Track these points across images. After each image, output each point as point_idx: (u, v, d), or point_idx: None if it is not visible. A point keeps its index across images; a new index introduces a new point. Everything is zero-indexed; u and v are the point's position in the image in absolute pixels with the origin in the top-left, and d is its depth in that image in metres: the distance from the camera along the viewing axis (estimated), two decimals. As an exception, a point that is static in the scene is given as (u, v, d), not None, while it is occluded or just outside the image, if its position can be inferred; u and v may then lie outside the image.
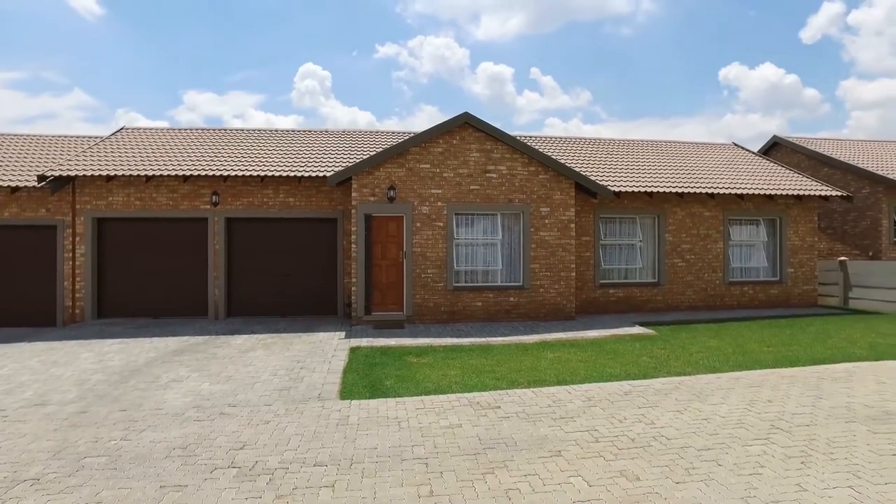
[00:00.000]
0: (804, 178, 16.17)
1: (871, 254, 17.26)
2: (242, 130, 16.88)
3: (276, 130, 17.18)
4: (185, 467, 4.70)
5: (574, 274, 13.08)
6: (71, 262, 13.01)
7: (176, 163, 13.32)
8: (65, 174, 12.32)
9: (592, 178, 13.89)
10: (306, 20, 79.10)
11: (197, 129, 16.68)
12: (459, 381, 7.48)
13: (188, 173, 12.70)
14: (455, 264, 12.60)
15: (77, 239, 13.03)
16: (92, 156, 13.56)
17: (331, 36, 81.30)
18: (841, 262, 15.85)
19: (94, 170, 12.58)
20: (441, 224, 12.46)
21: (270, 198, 13.58)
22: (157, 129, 16.50)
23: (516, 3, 68.82)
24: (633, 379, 7.58)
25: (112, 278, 13.34)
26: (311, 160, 14.22)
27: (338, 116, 76.16)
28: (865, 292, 15.03)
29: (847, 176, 18.04)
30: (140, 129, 16.48)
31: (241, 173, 12.87)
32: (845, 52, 65.85)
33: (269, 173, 12.97)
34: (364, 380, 7.60)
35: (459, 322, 12.43)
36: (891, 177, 16.76)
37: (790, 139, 20.67)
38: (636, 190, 13.86)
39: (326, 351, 9.52)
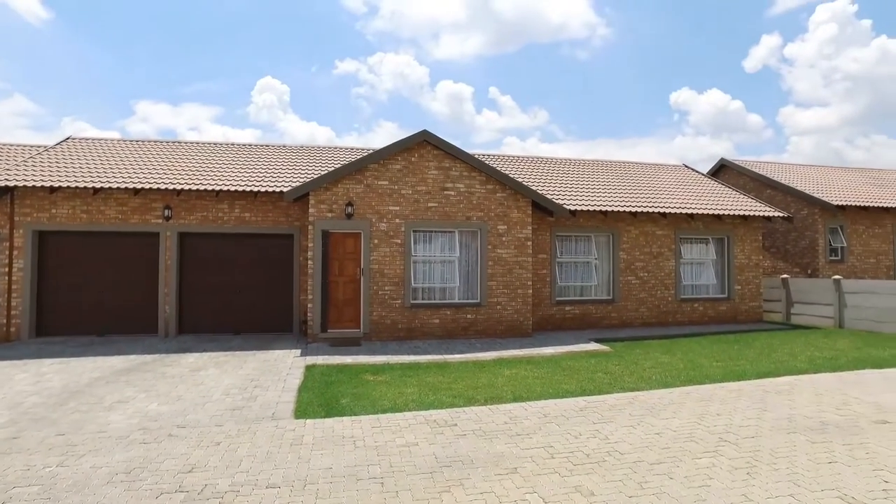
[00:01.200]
0: (749, 200, 16.88)
1: (809, 271, 18.09)
2: (197, 143, 16.52)
3: (233, 144, 16.88)
4: (128, 493, 4.49)
5: (531, 291, 13.24)
6: (7, 278, 12.37)
7: (126, 175, 12.91)
8: (2, 184, 11.76)
9: (549, 196, 14.15)
10: (265, 34, 78.45)
11: (150, 141, 16.23)
12: (416, 399, 7.42)
13: (139, 186, 12.32)
14: (413, 281, 12.58)
15: (15, 253, 12.41)
16: (34, 165, 13.00)
17: (290, 50, 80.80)
18: (783, 279, 16.55)
19: (35, 180, 12.05)
20: (399, 241, 12.44)
21: (226, 213, 13.30)
22: (106, 140, 15.95)
23: (476, 23, 70.09)
24: (589, 395, 7.68)
25: (54, 294, 12.74)
26: (269, 175, 14.02)
27: (296, 131, 75.49)
28: (805, 308, 15.72)
29: (788, 198, 18.92)
30: (88, 139, 15.91)
31: (195, 187, 12.57)
32: (783, 81, 69.59)
33: (225, 188, 12.71)
34: (319, 398, 7.46)
35: (417, 339, 12.37)
36: (826, 199, 17.67)
37: (736, 162, 21.58)
38: (591, 209, 14.18)
39: (281, 369, 9.32)
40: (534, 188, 14.25)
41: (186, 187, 12.51)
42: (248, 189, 12.79)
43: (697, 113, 68.40)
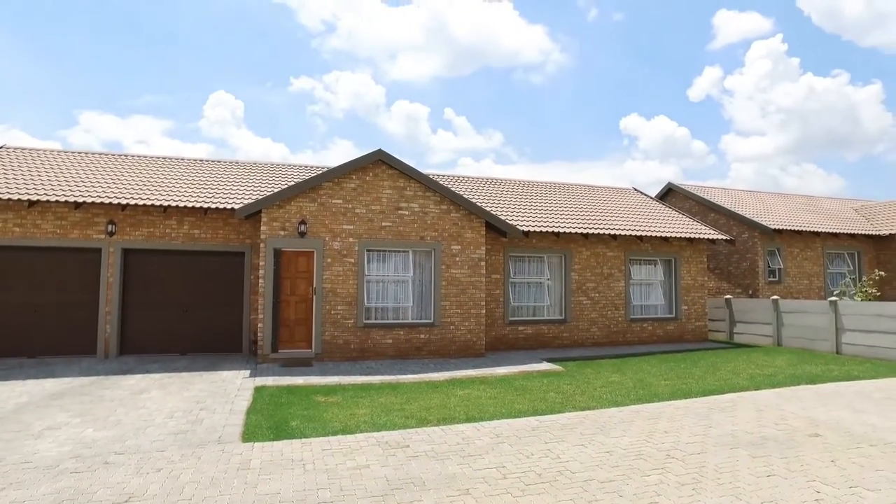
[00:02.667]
0: (695, 223, 17.54)
1: (750, 292, 18.87)
2: (145, 157, 16.01)
3: (183, 159, 16.42)
4: (58, 524, 4.22)
5: (484, 311, 13.31)
6: (-67, 296, 11.60)
7: (67, 188, 12.37)
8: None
9: (503, 217, 14.33)
10: (219, 47, 77.26)
11: (93, 153, 15.63)
12: (368, 421, 7.31)
13: (80, 199, 11.82)
14: (366, 301, 12.46)
15: (-58, 269, 11.67)
16: (-33, 178, 12.32)
17: (244, 65, 79.73)
18: (727, 300, 17.20)
19: (-32, 193, 11.41)
20: (352, 260, 12.33)
21: (174, 229, 12.90)
22: (45, 151, 15.25)
23: (433, 46, 71.05)
24: (541, 414, 7.73)
25: (-17, 313, 12.00)
26: (220, 191, 13.70)
27: (250, 147, 74.26)
28: (747, 327, 16.36)
29: (730, 221, 19.76)
30: (24, 148, 15.17)
31: (141, 202, 12.16)
32: (725, 111, 73.13)
33: (173, 203, 12.34)
34: (268, 421, 7.25)
35: (369, 359, 12.22)
36: (764, 223, 18.54)
37: (683, 186, 22.42)
38: (544, 230, 14.43)
39: (229, 391, 9.02)
40: (488, 209, 14.41)
41: (132, 202, 12.09)
42: (197, 205, 12.47)
43: (646, 138, 71.09)
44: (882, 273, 18.14)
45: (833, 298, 14.19)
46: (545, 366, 11.68)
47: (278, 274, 11.93)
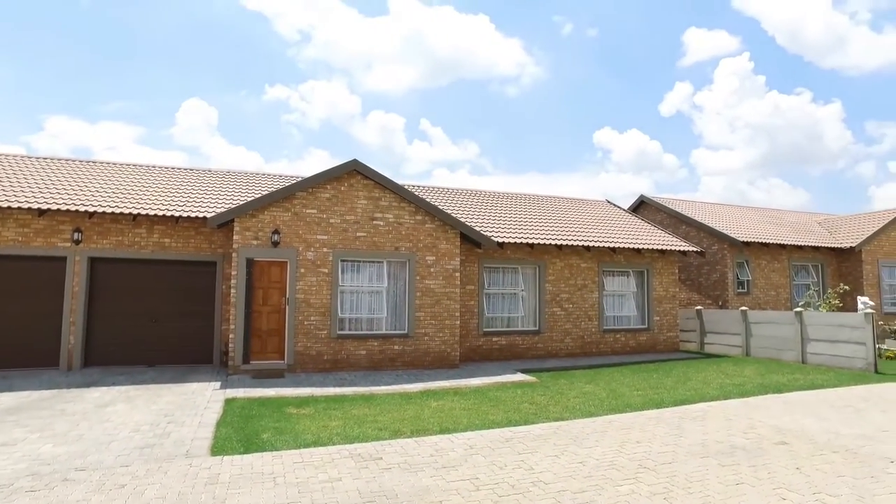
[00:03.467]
0: (667, 235, 17.84)
1: (720, 303, 19.23)
2: (114, 164, 15.67)
3: (154, 166, 16.12)
4: (14, 543, 4.06)
5: (458, 322, 13.30)
6: None
7: (30, 194, 12.03)
8: None
9: (478, 228, 14.39)
10: (193, 54, 76.31)
11: (60, 159, 15.25)
12: (341, 433, 7.22)
13: (45, 206, 11.51)
14: (339, 311, 12.35)
15: None
16: (-75, 184, 11.90)
17: (219, 73, 78.84)
18: (697, 311, 17.49)
19: (-74, 200, 11.01)
20: (326, 270, 12.23)
21: (143, 237, 12.64)
22: (7, 155, 14.81)
23: (409, 56, 71.32)
24: (515, 425, 7.73)
25: (-60, 324, 11.55)
26: (192, 200, 13.48)
27: (223, 156, 73.25)
28: (717, 338, 16.65)
29: (701, 234, 20.15)
30: (-12, 156, 14.74)
31: (109, 210, 11.88)
32: (695, 126, 74.78)
33: (143, 211, 12.09)
34: (239, 433, 7.11)
35: (343, 371, 12.10)
36: (733, 236, 18.95)
37: (655, 199, 22.82)
38: (519, 241, 14.52)
39: (199, 403, 8.83)
40: (463, 220, 14.46)
41: (100, 209, 11.81)
42: (168, 213, 12.24)
43: (619, 151, 72.24)
44: (846, 287, 18.66)
45: (798, 309, 14.54)
46: (519, 377, 11.70)
47: (251, 284, 11.76)
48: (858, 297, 14.58)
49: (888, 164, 68.27)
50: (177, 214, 12.29)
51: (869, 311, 12.95)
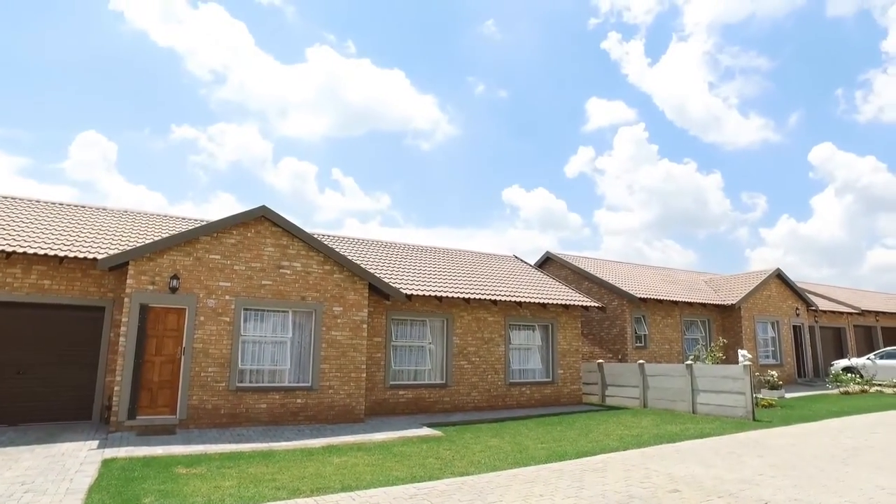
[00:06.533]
0: (570, 290, 18.61)
1: (620, 357, 20.15)
2: (-9, 199, 14.32)
3: (38, 201, 14.82)
4: None
5: (364, 375, 13.01)
6: None
7: None
8: None
9: (387, 280, 14.34)
10: (95, 85, 72.52)
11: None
12: (234, 494, 6.73)
13: None
14: (240, 362, 11.73)
15: None
16: None
17: (121, 107, 75.16)
18: (599, 364, 18.19)
19: None
20: (228, 319, 11.65)
21: (18, 278, 11.50)
22: None
23: (324, 105, 71.71)
24: (419, 481, 7.55)
25: None
26: (81, 239, 12.51)
27: (122, 194, 69.07)
28: (617, 390, 17.32)
29: (602, 290, 21.22)
30: None
31: (-20, 248, 10.76)
32: (597, 187, 79.94)
33: (20, 249, 11.05)
34: (116, 499, 6.44)
35: (241, 426, 11.39)
36: (631, 292, 20.12)
37: (560, 255, 23.89)
38: (427, 294, 14.59)
39: (69, 466, 7.94)
40: (372, 271, 14.39)
41: (-31, 248, 10.67)
42: (51, 252, 11.26)
43: (527, 209, 75.46)
44: (725, 340, 20.20)
45: (689, 362, 15.50)
46: (425, 431, 11.53)
47: (143, 332, 10.95)
48: (739, 351, 15.81)
49: (760, 230, 75.96)
50: (61, 254, 11.34)
51: (747, 363, 14.04)
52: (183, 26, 65.77)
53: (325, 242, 13.31)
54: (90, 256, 11.57)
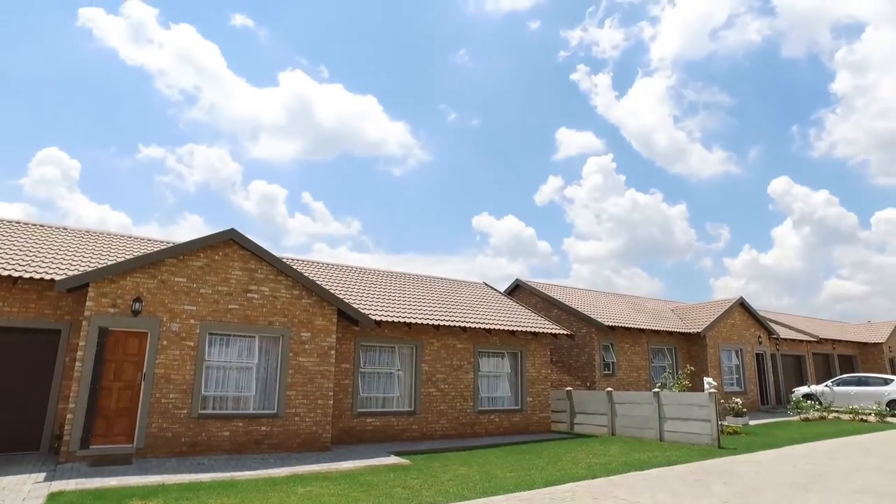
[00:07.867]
0: (540, 318, 18.71)
1: (588, 384, 20.23)
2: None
3: (-5, 223, 14.35)
4: None
5: (332, 402, 12.78)
6: None
7: None
8: None
9: (356, 305, 14.22)
10: (58, 101, 71.03)
11: None
12: (192, 526, 6.47)
13: None
14: (203, 389, 11.41)
15: None
16: None
17: (85, 125, 73.60)
18: (567, 391, 18.22)
19: None
20: (192, 344, 11.36)
21: (-31, 301, 11.03)
22: None
23: (296, 128, 71.53)
24: (386, 510, 7.39)
25: None
26: (38, 259, 12.11)
27: (84, 213, 67.24)
28: (586, 418, 17.34)
29: (571, 317, 21.38)
30: None
31: (-71, 268, 10.31)
32: (566, 216, 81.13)
33: (-27, 271, 10.64)
34: (64, 532, 6.13)
35: (202, 455, 11.02)
36: (600, 320, 20.33)
37: (529, 283, 24.05)
38: (396, 320, 14.50)
39: (10, 502, 7.52)
40: (341, 296, 14.25)
41: (-82, 268, 10.22)
42: (3, 273, 10.85)
43: (496, 236, 76.01)
44: (692, 368, 20.48)
45: (656, 390, 15.65)
46: (392, 459, 11.32)
47: (101, 356, 10.58)
48: (704, 378, 16.03)
49: (723, 260, 77.94)
50: (15, 274, 10.95)
51: (712, 390, 14.25)
52: (153, 46, 65.24)
53: (294, 267, 13.15)
54: (47, 277, 11.20)
